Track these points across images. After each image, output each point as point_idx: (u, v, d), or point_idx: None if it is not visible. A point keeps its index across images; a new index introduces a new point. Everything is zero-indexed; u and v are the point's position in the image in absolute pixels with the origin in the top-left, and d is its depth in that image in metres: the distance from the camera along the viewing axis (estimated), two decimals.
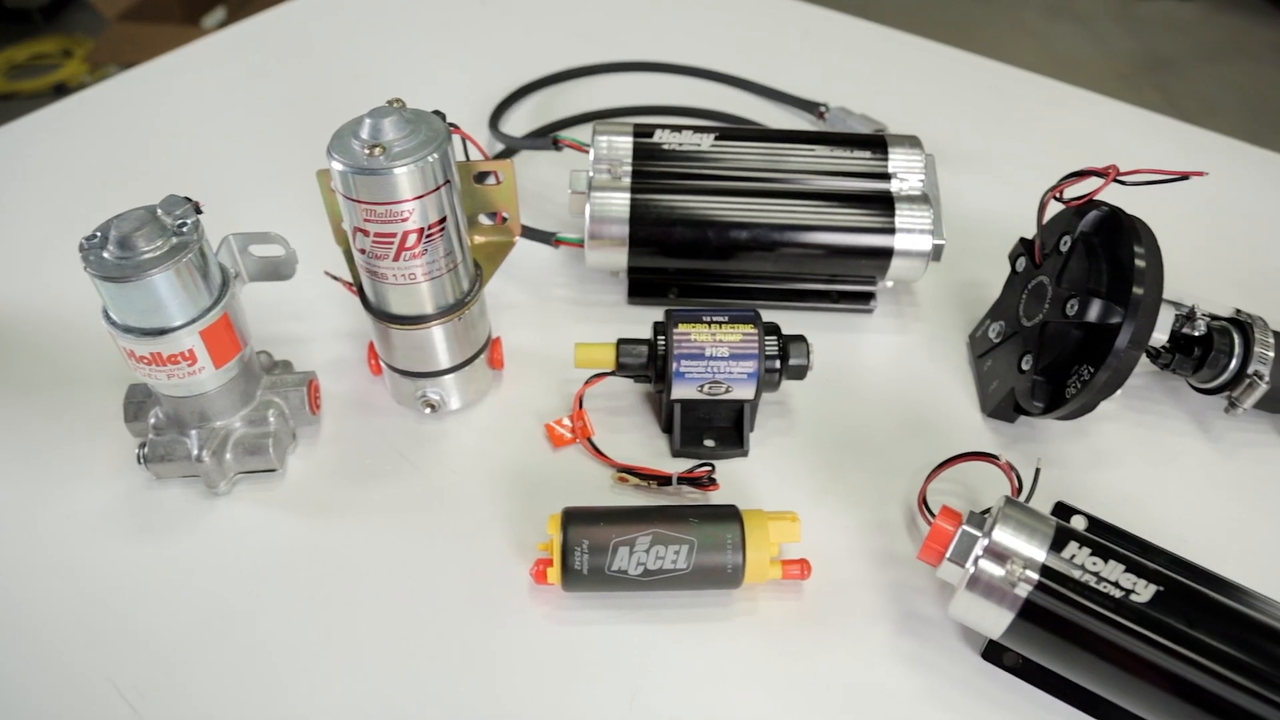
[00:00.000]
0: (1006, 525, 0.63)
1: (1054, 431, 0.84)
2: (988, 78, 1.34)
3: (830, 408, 0.85)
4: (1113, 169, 0.78)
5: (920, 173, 0.90)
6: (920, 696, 0.67)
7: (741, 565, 0.68)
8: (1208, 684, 0.58)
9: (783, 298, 0.92)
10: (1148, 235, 0.75)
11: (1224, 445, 0.85)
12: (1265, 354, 0.82)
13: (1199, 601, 0.61)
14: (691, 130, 0.90)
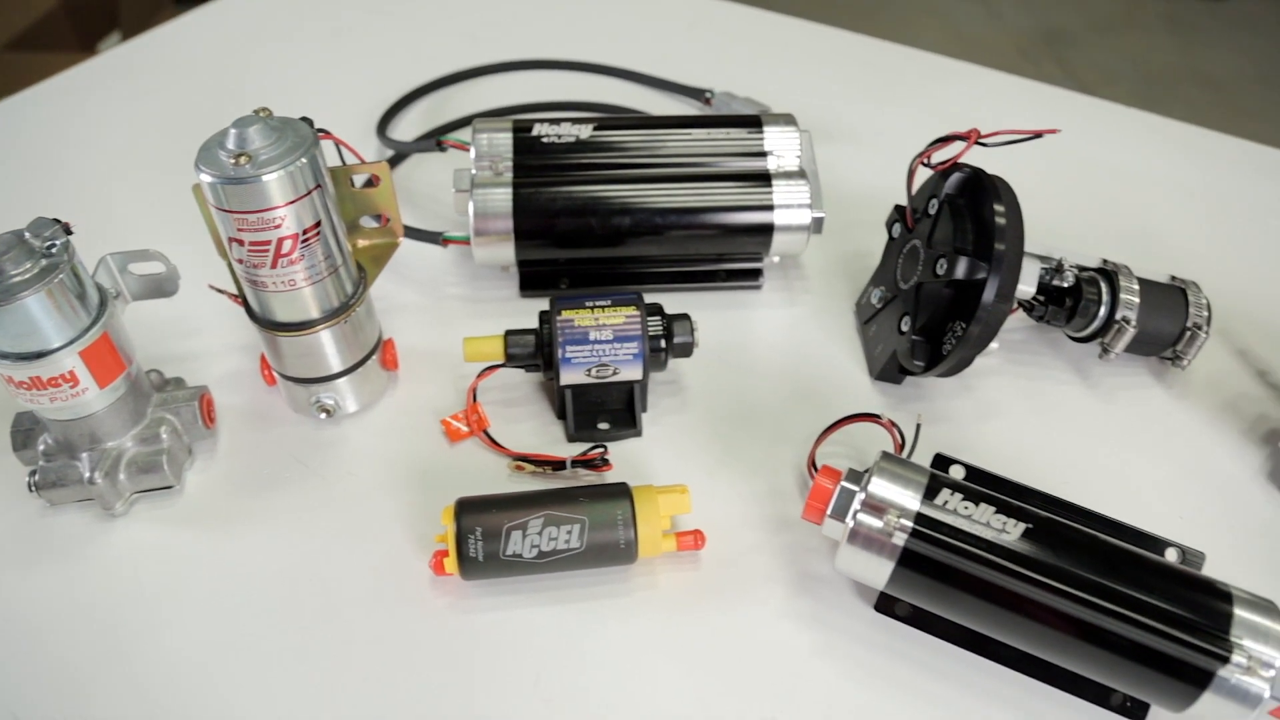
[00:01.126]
0: (882, 478, 0.65)
1: (941, 389, 0.87)
2: (873, 56, 1.37)
3: (723, 383, 0.86)
4: (974, 132, 0.81)
5: (797, 149, 0.92)
6: (817, 652, 0.69)
7: (634, 540, 0.69)
8: (1076, 611, 0.61)
9: (674, 280, 0.94)
10: (1008, 193, 0.77)
11: (1101, 390, 0.88)
12: (1131, 299, 0.85)
13: (1065, 536, 0.63)
14: (570, 122, 0.91)
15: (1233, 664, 0.59)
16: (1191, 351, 0.87)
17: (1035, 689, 0.68)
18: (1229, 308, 0.95)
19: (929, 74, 1.33)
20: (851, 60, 1.34)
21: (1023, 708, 0.68)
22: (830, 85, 1.27)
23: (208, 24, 1.42)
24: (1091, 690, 0.67)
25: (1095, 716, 0.68)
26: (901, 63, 1.36)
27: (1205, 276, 0.93)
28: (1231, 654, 0.59)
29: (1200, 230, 1.07)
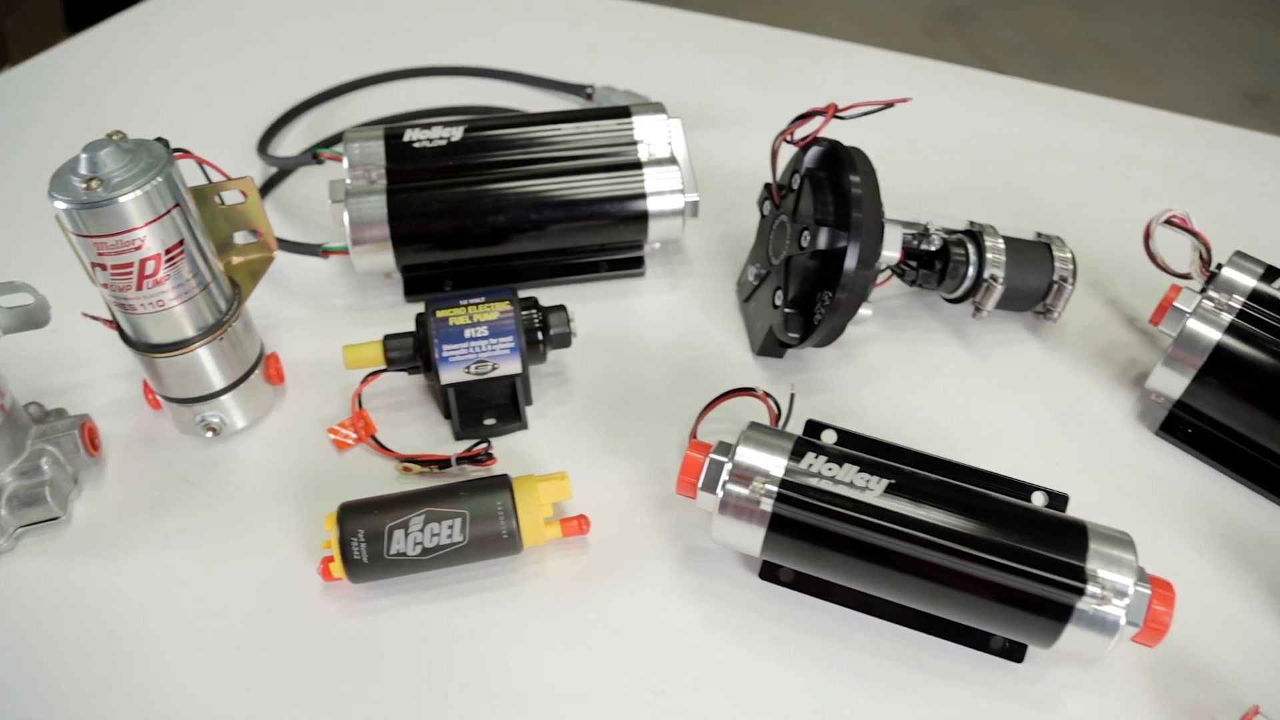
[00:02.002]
0: (748, 447, 0.66)
1: (821, 359, 0.89)
2: (759, 42, 1.39)
3: (608, 370, 0.87)
4: (831, 107, 0.83)
5: (667, 136, 0.93)
6: (705, 624, 0.71)
7: (517, 530, 0.70)
8: (939, 559, 0.63)
9: (558, 273, 0.95)
10: (863, 162, 0.79)
11: (978, 348, 0.91)
12: (997, 258, 0.87)
13: (927, 489, 0.65)
14: (441, 125, 0.92)
15: (1088, 595, 0.61)
16: (1060, 303, 0.90)
17: (918, 640, 0.70)
18: (1102, 260, 0.98)
19: (813, 56, 1.35)
20: (738, 48, 1.36)
21: (907, 660, 0.69)
22: (715, 73, 1.29)
23: (91, 50, 1.40)
24: (972, 637, 0.69)
25: (978, 661, 0.70)
26: (786, 48, 1.38)
27: (1082, 232, 0.96)
28: (1086, 586, 0.61)
29: (1077, 189, 1.10)
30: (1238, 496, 0.82)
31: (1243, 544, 0.78)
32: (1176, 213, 0.88)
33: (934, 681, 0.69)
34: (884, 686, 0.68)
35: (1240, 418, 0.81)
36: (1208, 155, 1.18)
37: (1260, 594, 0.76)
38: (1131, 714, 0.69)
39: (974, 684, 0.69)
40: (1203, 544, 0.78)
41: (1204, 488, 0.82)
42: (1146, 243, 0.90)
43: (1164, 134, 1.23)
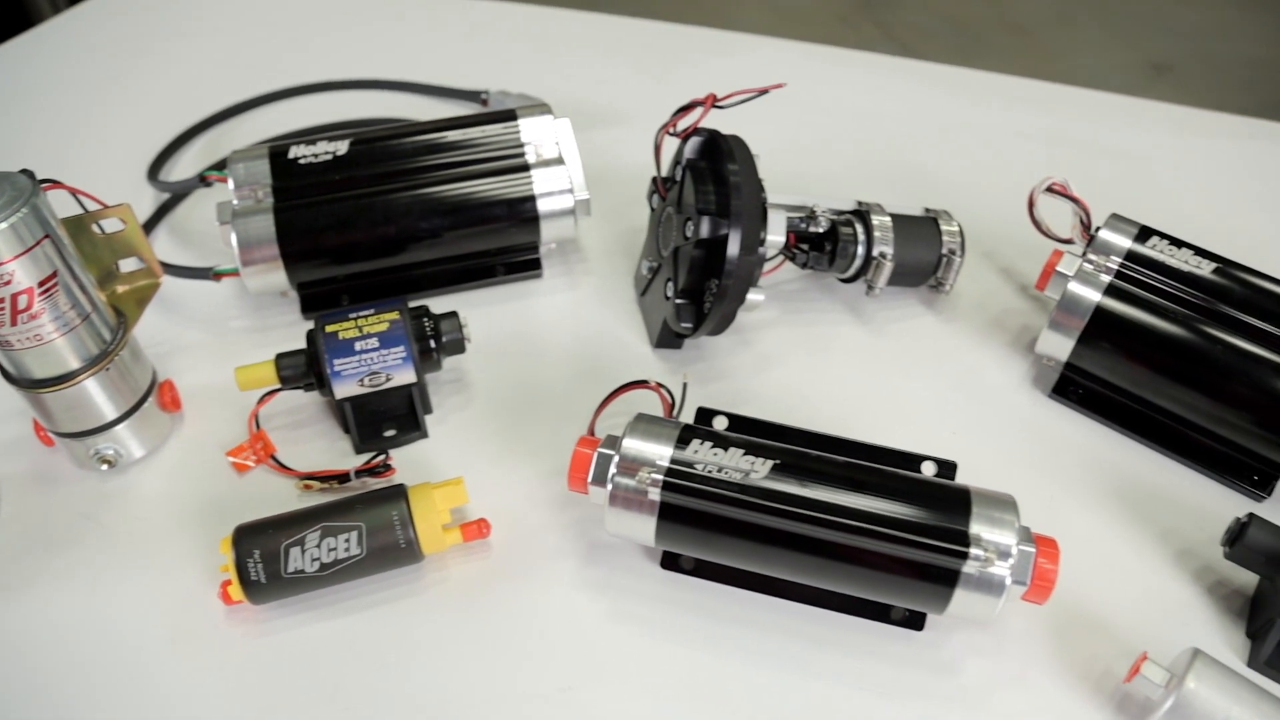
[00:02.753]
0: (634, 438, 0.67)
1: (719, 347, 0.89)
2: (654, 39, 1.39)
3: (508, 373, 0.87)
4: (710, 97, 0.83)
5: (554, 137, 0.93)
6: (610, 618, 0.71)
7: (415, 538, 0.70)
8: (826, 535, 0.64)
9: (455, 280, 0.95)
10: (741, 150, 0.80)
11: (874, 325, 0.92)
12: (885, 235, 0.88)
13: (812, 466, 0.66)
14: (326, 140, 0.92)
15: (972, 559, 0.62)
16: (951, 276, 0.91)
17: (821, 617, 0.71)
18: (995, 231, 1.00)
19: (712, 50, 1.36)
20: (637, 46, 1.36)
21: (811, 637, 0.70)
22: (614, 72, 1.29)
23: None
24: (872, 609, 0.70)
25: (880, 633, 0.71)
26: (685, 43, 1.38)
27: (977, 205, 0.99)
28: (970, 550, 0.62)
29: (973, 164, 1.12)
30: (1128, 451, 0.84)
31: (1134, 497, 0.80)
32: (1056, 180, 0.90)
33: (838, 656, 0.70)
34: (789, 665, 0.69)
35: (1124, 375, 0.83)
36: (1099, 125, 1.21)
37: (1152, 544, 0.78)
38: (1031, 671, 0.70)
39: (877, 655, 0.70)
40: (1097, 500, 0.80)
41: (1096, 445, 0.84)
42: (1030, 211, 0.92)
43: (1057, 106, 1.25)
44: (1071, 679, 0.70)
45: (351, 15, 1.42)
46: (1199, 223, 1.01)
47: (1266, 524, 0.71)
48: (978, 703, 0.68)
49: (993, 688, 0.69)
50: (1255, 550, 0.71)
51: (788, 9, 3.75)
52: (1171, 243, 0.84)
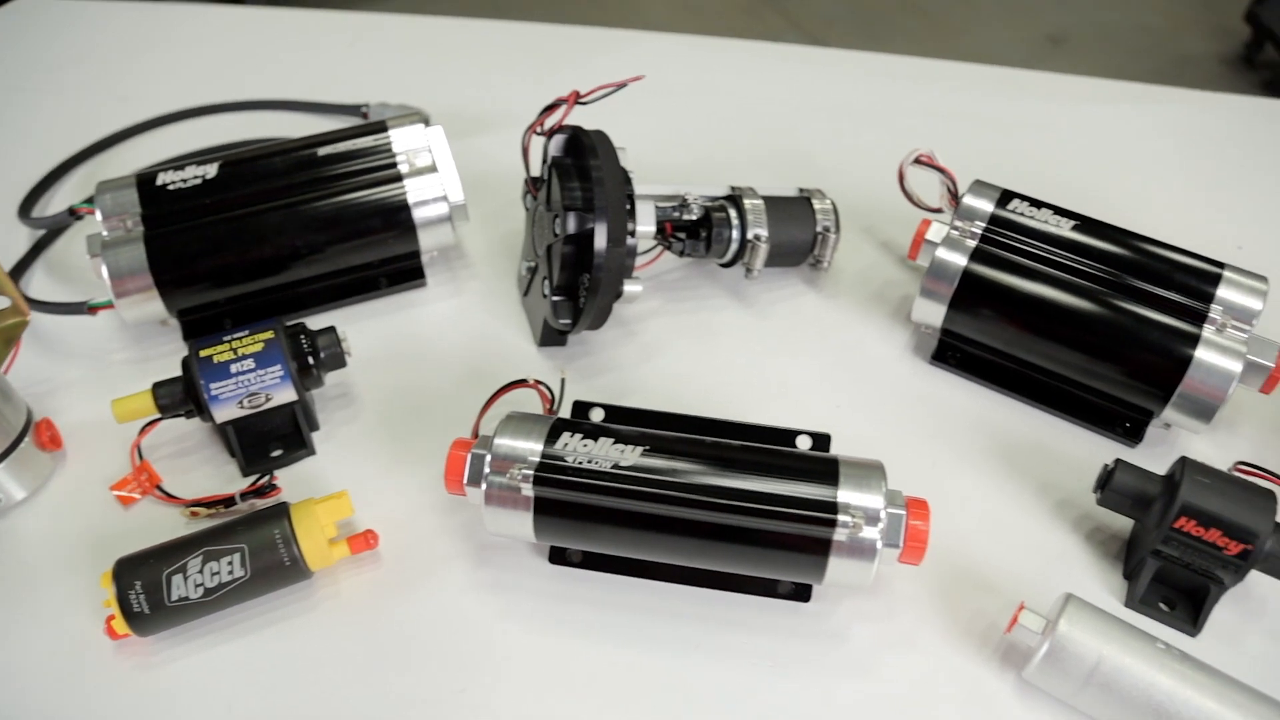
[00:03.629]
0: (505, 437, 0.67)
1: (604, 340, 0.90)
2: (539, 41, 1.39)
3: (395, 384, 0.87)
4: (573, 94, 0.84)
5: (427, 145, 0.93)
6: (502, 616, 0.71)
7: (300, 555, 0.70)
8: (698, 515, 0.65)
9: (338, 296, 0.94)
10: (604, 145, 0.81)
11: (758, 307, 0.94)
12: (758, 217, 0.90)
13: (681, 449, 0.67)
14: (195, 164, 0.91)
15: (840, 526, 0.63)
16: (828, 252, 0.93)
17: (709, 598, 0.72)
18: (876, 207, 1.02)
19: (595, 48, 1.36)
20: (521, 49, 1.36)
21: (701, 618, 0.71)
22: (499, 77, 1.29)
23: None
24: (758, 585, 0.71)
25: (769, 607, 0.72)
26: (569, 44, 1.38)
27: (858, 182, 1.01)
28: (838, 517, 0.63)
29: (856, 143, 1.13)
30: (1007, 410, 0.86)
31: (1014, 454, 0.82)
32: (923, 152, 0.92)
33: (729, 633, 0.70)
34: (680, 647, 0.70)
35: (996, 335, 0.85)
36: (989, 98, 1.24)
37: (1032, 497, 0.80)
38: (920, 632, 0.71)
39: (767, 630, 0.71)
40: (978, 459, 0.82)
41: (976, 407, 0.86)
42: (901, 183, 0.94)
43: (945, 82, 1.28)
44: (958, 635, 0.71)
45: (231, 36, 1.40)
46: (1085, 185, 1.05)
47: (1131, 468, 0.74)
48: (867, 668, 0.69)
49: (881, 651, 0.70)
50: (1123, 494, 0.73)
51: (695, 4, 3.76)
52: (1032, 204, 0.86)
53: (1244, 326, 0.80)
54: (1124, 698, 0.64)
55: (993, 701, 0.68)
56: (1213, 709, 0.62)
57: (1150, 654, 0.64)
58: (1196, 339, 0.79)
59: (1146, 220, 0.92)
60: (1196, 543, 0.70)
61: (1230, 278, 0.81)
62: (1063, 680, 0.65)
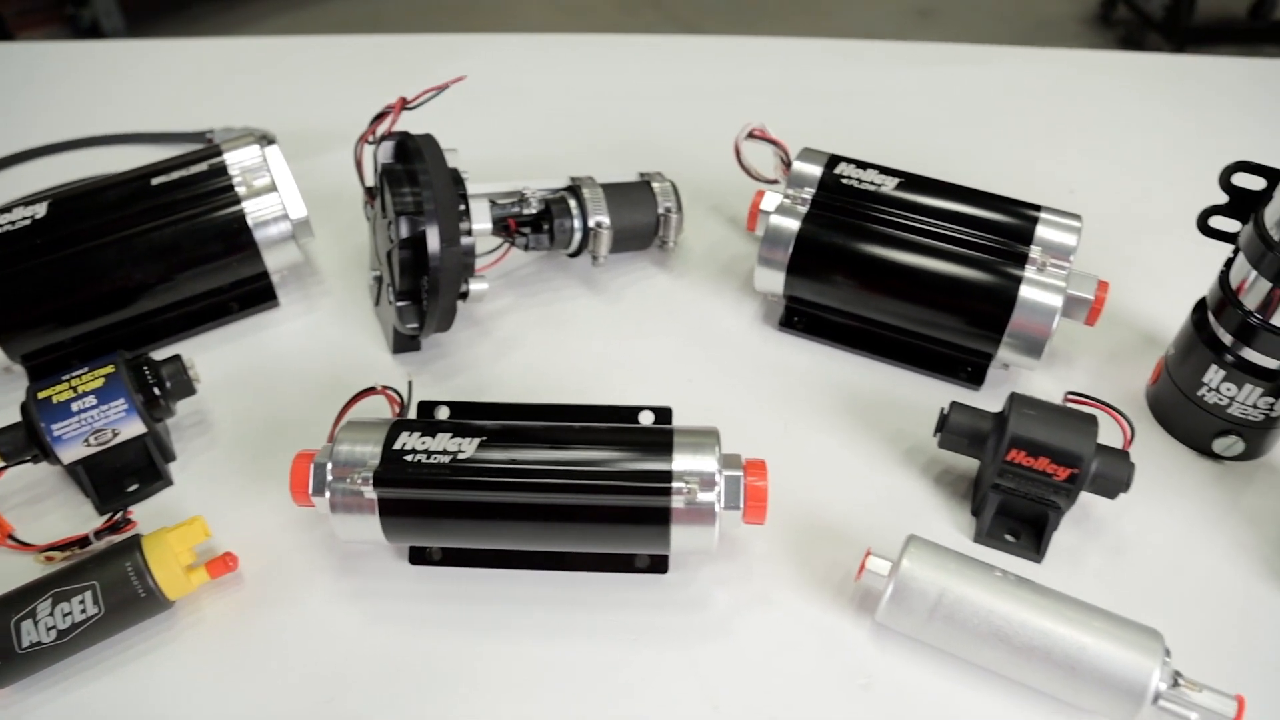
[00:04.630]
0: (345, 444, 0.68)
1: (459, 342, 0.91)
2: (387, 53, 1.39)
3: (252, 406, 0.87)
4: (399, 101, 0.85)
5: (263, 164, 0.93)
6: (368, 622, 0.72)
7: (155, 585, 0.69)
8: (539, 498, 0.66)
9: (190, 325, 0.93)
10: (430, 148, 0.81)
11: (610, 293, 0.95)
12: (598, 205, 0.91)
13: (520, 437, 0.68)
14: (23, 204, 0.89)
15: (675, 494, 0.65)
16: (672, 233, 0.95)
17: (570, 580, 0.73)
18: (723, 185, 1.04)
19: (440, 54, 1.37)
20: (367, 63, 1.36)
21: (564, 600, 0.72)
22: (347, 91, 1.29)
23: None
24: (615, 562, 0.73)
25: (629, 582, 0.73)
26: (414, 53, 1.39)
27: (709, 163, 1.03)
28: (672, 485, 0.65)
29: (707, 125, 1.14)
30: (854, 367, 0.89)
31: (863, 408, 0.85)
32: (755, 125, 0.94)
33: (591, 613, 0.72)
34: (544, 632, 0.71)
35: (834, 295, 0.87)
36: (847, 71, 1.29)
37: (882, 448, 0.82)
38: (777, 589, 0.73)
39: (628, 605, 0.72)
40: (829, 417, 0.85)
41: (824, 367, 0.88)
42: (738, 158, 0.96)
43: (784, 58, 1.31)
44: (814, 589, 0.73)
45: (70, 72, 1.37)
46: (926, 146, 1.09)
47: (965, 408, 0.77)
48: (727, 629, 0.71)
49: (740, 612, 0.72)
50: (959, 434, 0.76)
51: (571, 5, 3.78)
52: (858, 165, 0.89)
53: (1063, 264, 0.83)
54: (967, 626, 0.66)
55: (850, 647, 0.70)
56: (1048, 626, 0.65)
57: (988, 582, 0.67)
58: (1019, 279, 0.82)
59: (986, 173, 0.97)
60: (1029, 472, 0.73)
61: (1046, 218, 0.85)
62: (910, 617, 0.68)
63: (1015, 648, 0.66)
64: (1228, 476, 0.83)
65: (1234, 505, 0.81)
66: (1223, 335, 0.80)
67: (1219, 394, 0.80)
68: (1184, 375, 0.83)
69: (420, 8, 3.63)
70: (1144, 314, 0.96)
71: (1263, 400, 0.79)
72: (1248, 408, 0.80)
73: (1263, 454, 0.84)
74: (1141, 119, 1.25)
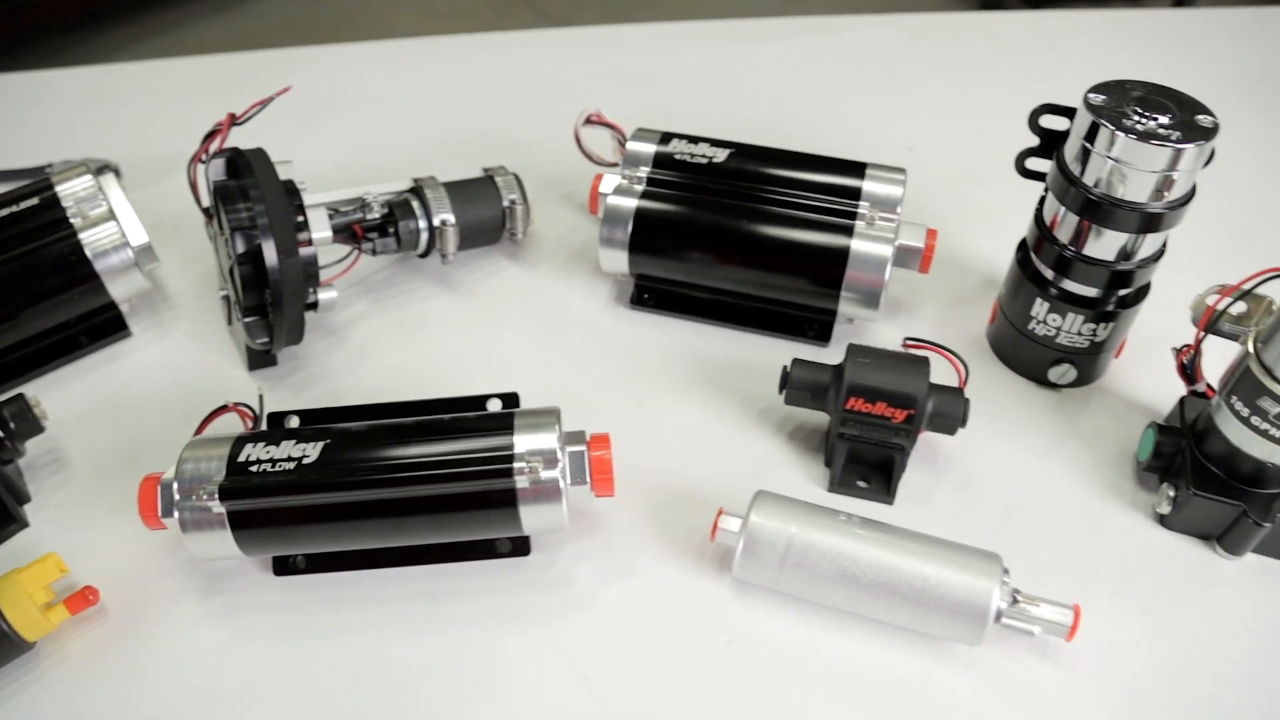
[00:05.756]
0: (188, 463, 0.68)
1: (316, 352, 0.91)
2: (238, 71, 1.38)
3: (108, 440, 0.86)
4: (228, 117, 0.84)
5: (98, 194, 0.92)
6: (236, 637, 0.72)
7: (8, 628, 0.68)
8: (385, 494, 0.66)
9: (39, 363, 0.92)
10: (260, 161, 0.81)
11: (464, 289, 0.96)
12: (441, 203, 0.92)
13: (363, 437, 0.69)
14: None
15: (519, 473, 0.66)
16: (519, 224, 0.96)
17: (435, 573, 0.74)
18: (569, 173, 1.05)
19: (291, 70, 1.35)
20: (217, 83, 1.34)
21: (428, 594, 0.73)
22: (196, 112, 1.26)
23: None
24: (478, 549, 0.74)
25: (494, 568, 0.75)
26: (262, 69, 1.37)
27: (561, 153, 1.03)
28: (514, 466, 0.66)
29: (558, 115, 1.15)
30: (706, 337, 0.91)
31: (716, 375, 0.87)
32: (592, 111, 0.96)
33: (458, 602, 0.73)
34: (413, 627, 0.72)
35: (677, 268, 0.89)
36: (672, 53, 1.31)
37: (737, 412, 0.85)
38: (639, 559, 0.75)
39: (494, 590, 0.73)
40: (684, 388, 0.87)
41: (676, 340, 0.91)
42: (579, 145, 0.97)
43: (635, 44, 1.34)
44: (675, 555, 0.75)
45: None
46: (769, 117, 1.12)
47: (805, 364, 0.79)
48: (592, 603, 0.73)
49: (605, 585, 0.74)
50: (801, 388, 0.79)
51: (443, 9, 3.77)
52: (689, 140, 0.91)
53: (890, 216, 0.86)
54: (816, 571, 0.69)
55: (712, 606, 0.72)
56: (892, 561, 0.68)
57: (833, 526, 0.70)
58: (850, 234, 0.85)
59: (831, 138, 1.00)
60: (869, 418, 0.76)
61: (872, 174, 0.88)
62: (763, 569, 0.70)
63: (864, 586, 0.68)
64: (1065, 403, 0.88)
65: (1072, 429, 0.86)
66: (1044, 270, 0.84)
67: (1047, 325, 0.84)
68: (1015, 312, 0.87)
69: (293, 24, 3.59)
70: (981, 259, 1.00)
71: (1086, 327, 0.83)
72: (1074, 335, 0.84)
73: (1095, 378, 0.89)
74: (980, 76, 1.30)
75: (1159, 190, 0.75)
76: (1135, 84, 0.77)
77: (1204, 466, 0.76)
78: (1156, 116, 0.74)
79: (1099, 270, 0.80)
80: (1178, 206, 0.76)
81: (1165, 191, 0.75)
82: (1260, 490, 0.74)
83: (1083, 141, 0.76)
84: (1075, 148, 0.77)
